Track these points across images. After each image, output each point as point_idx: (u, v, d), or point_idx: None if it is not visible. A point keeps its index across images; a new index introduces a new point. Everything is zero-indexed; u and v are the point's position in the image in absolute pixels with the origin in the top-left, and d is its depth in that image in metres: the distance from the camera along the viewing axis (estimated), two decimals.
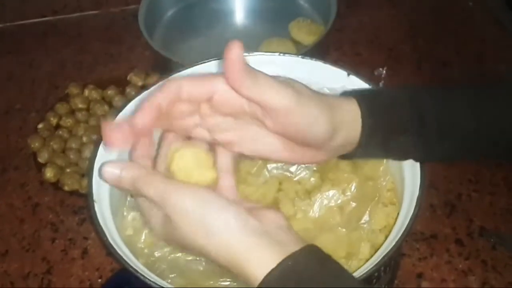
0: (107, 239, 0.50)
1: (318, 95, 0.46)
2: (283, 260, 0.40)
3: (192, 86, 0.45)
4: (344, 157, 0.51)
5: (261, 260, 0.40)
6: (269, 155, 0.48)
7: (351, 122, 0.47)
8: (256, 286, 0.40)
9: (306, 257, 0.41)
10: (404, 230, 0.49)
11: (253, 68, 0.43)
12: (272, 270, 0.39)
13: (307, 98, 0.45)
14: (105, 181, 0.46)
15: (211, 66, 0.62)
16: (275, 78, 0.44)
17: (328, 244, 0.55)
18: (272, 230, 0.43)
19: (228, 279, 0.53)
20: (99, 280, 0.70)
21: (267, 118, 0.45)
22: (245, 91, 0.43)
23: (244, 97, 0.43)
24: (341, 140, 0.47)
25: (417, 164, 0.54)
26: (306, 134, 0.46)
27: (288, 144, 0.47)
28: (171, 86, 0.44)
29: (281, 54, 0.64)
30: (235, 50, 0.41)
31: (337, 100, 0.48)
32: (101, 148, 0.58)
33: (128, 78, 0.89)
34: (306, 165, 0.61)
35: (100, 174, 0.45)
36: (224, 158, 0.49)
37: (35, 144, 0.81)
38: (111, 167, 0.46)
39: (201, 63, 0.63)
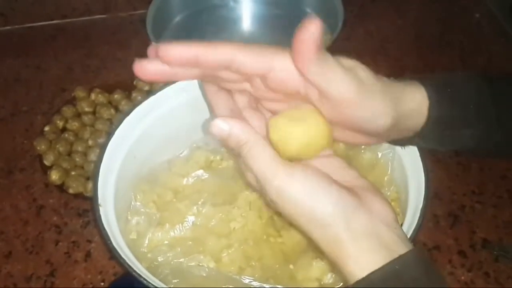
0: (111, 242, 0.51)
1: (383, 86, 0.43)
2: (389, 263, 0.39)
3: (247, 60, 0.41)
4: (395, 142, 0.49)
5: (367, 265, 0.39)
6: None
7: (415, 112, 0.45)
8: (355, 282, 0.39)
9: (412, 262, 0.40)
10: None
11: (322, 50, 0.40)
12: (376, 270, 0.39)
13: (371, 91, 0.42)
14: (212, 134, 0.43)
15: None
16: (342, 63, 0.41)
17: None
18: (380, 229, 0.41)
19: (231, 286, 0.53)
20: (102, 284, 0.70)
21: (323, 105, 0.42)
22: (310, 76, 0.40)
23: (306, 80, 0.41)
24: (400, 129, 0.45)
25: (422, 175, 0.54)
26: (364, 126, 0.43)
27: (340, 126, 0.44)
28: (223, 53, 0.40)
29: None
30: (311, 29, 0.39)
31: (403, 88, 0.45)
32: (107, 151, 0.58)
33: (135, 82, 0.89)
34: None
35: (211, 125, 0.42)
36: None
37: (41, 146, 0.81)
38: (222, 122, 0.42)
39: None
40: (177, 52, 0.40)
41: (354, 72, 0.41)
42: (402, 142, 0.49)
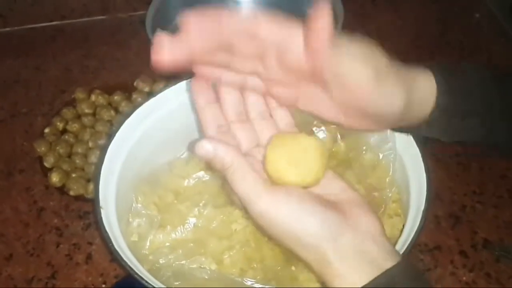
0: (112, 245, 0.50)
1: (397, 73, 0.43)
2: (376, 278, 0.40)
3: (272, 27, 0.41)
4: (401, 130, 0.49)
5: (355, 282, 0.40)
6: (324, 116, 0.46)
7: (424, 100, 0.46)
8: None
9: (399, 275, 0.40)
10: (410, 243, 0.49)
11: (336, 36, 0.40)
12: (364, 286, 0.39)
13: (386, 78, 0.42)
14: (197, 155, 0.43)
15: None
16: (358, 49, 0.41)
17: None
18: (367, 245, 0.41)
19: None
20: (103, 286, 0.70)
21: (336, 88, 0.42)
22: (325, 69, 0.40)
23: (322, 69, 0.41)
24: (409, 117, 0.45)
25: (423, 176, 0.54)
26: (375, 111, 0.43)
27: (348, 111, 0.44)
28: (247, 22, 0.41)
29: None
30: (323, 18, 0.39)
31: (415, 76, 0.45)
32: (107, 153, 0.58)
33: (135, 84, 0.89)
34: None
35: (196, 146, 0.43)
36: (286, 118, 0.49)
37: (41, 148, 0.81)
38: (207, 143, 0.43)
39: None
40: (199, 17, 0.40)
41: (371, 58, 0.42)
42: (408, 130, 0.49)
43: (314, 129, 0.63)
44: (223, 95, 0.47)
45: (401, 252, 0.48)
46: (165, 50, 0.40)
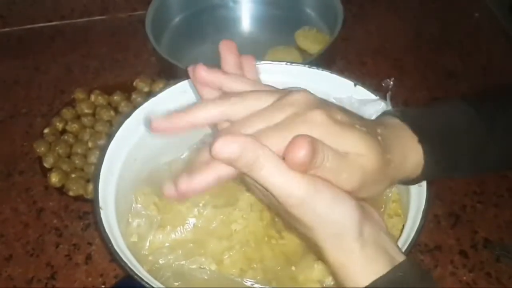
0: (112, 245, 0.50)
1: (383, 170, 0.42)
2: (392, 270, 0.40)
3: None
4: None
5: (371, 272, 0.40)
6: None
7: (413, 171, 0.47)
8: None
9: (411, 270, 0.41)
10: (410, 243, 0.49)
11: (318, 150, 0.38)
12: (381, 277, 0.39)
13: (372, 181, 0.42)
14: (217, 157, 0.38)
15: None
16: (344, 153, 0.40)
17: None
18: (382, 238, 0.42)
19: None
20: (103, 286, 0.70)
21: None
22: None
23: None
24: (394, 184, 0.47)
25: None
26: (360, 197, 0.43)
27: None
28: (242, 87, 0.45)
29: (288, 64, 0.64)
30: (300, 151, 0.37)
31: (403, 157, 0.45)
32: (107, 154, 0.58)
33: (134, 84, 0.89)
34: None
35: (216, 148, 0.38)
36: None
37: (41, 148, 0.81)
38: (230, 142, 0.38)
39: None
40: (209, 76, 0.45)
41: (357, 162, 0.41)
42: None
43: None
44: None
45: None
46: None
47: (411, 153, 0.46)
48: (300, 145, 0.37)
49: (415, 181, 0.48)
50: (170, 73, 0.86)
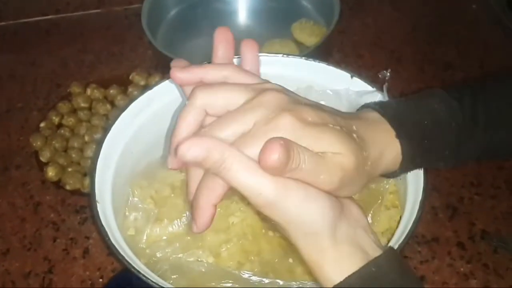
0: (109, 239, 0.50)
1: (361, 168, 0.42)
2: (365, 266, 0.40)
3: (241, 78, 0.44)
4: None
5: (345, 269, 0.40)
6: None
7: (391, 165, 0.46)
8: (333, 286, 0.40)
9: (387, 264, 0.41)
10: (407, 234, 0.49)
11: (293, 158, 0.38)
12: (353, 273, 0.39)
13: (350, 179, 0.41)
14: (183, 158, 0.38)
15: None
16: (324, 154, 0.40)
17: None
18: (358, 234, 0.42)
19: (230, 280, 0.52)
20: (100, 280, 0.70)
21: None
22: None
23: None
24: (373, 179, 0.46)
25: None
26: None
27: None
28: (221, 73, 0.45)
29: (285, 56, 0.64)
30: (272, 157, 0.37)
31: (380, 154, 0.45)
32: (103, 147, 0.58)
33: (131, 77, 0.89)
34: None
35: (182, 150, 0.38)
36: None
37: (37, 143, 0.81)
38: (195, 144, 0.38)
39: (203, 63, 0.62)
40: (186, 76, 0.45)
41: (334, 162, 0.40)
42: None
43: None
44: None
45: (398, 243, 0.48)
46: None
47: (388, 148, 0.45)
48: (273, 148, 0.37)
49: (394, 174, 0.48)
50: (167, 66, 0.85)
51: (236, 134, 0.40)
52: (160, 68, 0.91)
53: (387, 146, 0.45)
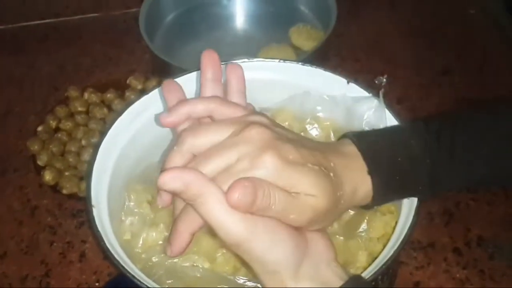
0: (104, 244, 0.50)
1: (334, 207, 0.44)
2: None
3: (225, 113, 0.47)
4: None
5: None
6: None
7: (363, 200, 0.48)
8: None
9: None
10: (402, 240, 0.49)
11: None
12: None
13: (322, 217, 0.43)
14: (162, 188, 0.41)
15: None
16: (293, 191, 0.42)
17: None
18: (321, 270, 0.43)
19: (225, 286, 0.52)
20: (97, 284, 0.70)
21: None
22: None
23: None
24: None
25: None
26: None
27: None
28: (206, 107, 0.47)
29: (281, 61, 0.64)
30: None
31: (353, 190, 0.46)
32: (100, 151, 0.58)
33: (128, 81, 0.89)
34: None
35: (160, 181, 0.40)
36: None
37: (34, 146, 0.81)
38: (175, 176, 0.40)
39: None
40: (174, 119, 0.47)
41: (307, 203, 0.42)
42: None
43: (307, 126, 0.63)
44: (204, 89, 0.50)
45: (393, 249, 0.48)
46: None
47: (361, 185, 0.47)
48: (236, 189, 0.39)
49: (366, 207, 0.50)
50: (164, 71, 0.86)
51: (220, 169, 0.42)
52: (158, 72, 0.91)
53: (361, 182, 0.47)
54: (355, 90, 0.60)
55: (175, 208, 0.46)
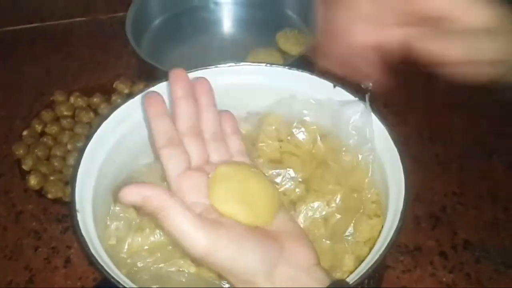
0: (89, 249, 0.50)
1: None
2: None
3: None
4: None
5: None
6: None
7: None
8: None
9: None
10: (388, 243, 0.49)
11: None
12: None
13: None
14: (124, 202, 0.43)
15: (197, 75, 0.62)
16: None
17: None
18: (300, 277, 0.43)
19: None
20: None
21: None
22: None
23: None
24: None
25: (402, 177, 0.54)
26: None
27: None
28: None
29: (268, 65, 0.64)
30: None
31: None
32: (84, 155, 0.57)
33: (114, 86, 0.88)
34: (291, 176, 0.61)
35: (121, 194, 0.42)
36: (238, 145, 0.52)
37: (20, 151, 0.80)
38: (133, 190, 0.42)
39: (187, 72, 0.62)
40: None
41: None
42: None
43: (294, 130, 0.63)
44: (177, 107, 0.50)
45: (380, 252, 0.48)
46: None
47: None
48: None
49: None
50: (151, 75, 0.85)
51: None
52: (144, 76, 0.91)
53: None
54: (342, 94, 0.61)
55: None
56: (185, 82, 0.51)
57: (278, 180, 0.61)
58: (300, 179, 0.61)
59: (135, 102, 0.62)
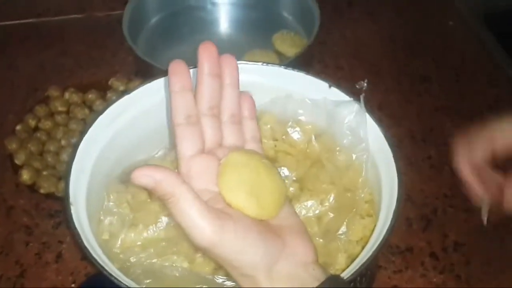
0: (82, 242, 0.50)
1: None
2: None
3: None
4: None
5: None
6: None
7: None
8: None
9: None
10: (381, 242, 0.49)
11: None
12: None
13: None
14: (136, 183, 0.41)
15: (193, 73, 0.62)
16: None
17: None
18: (299, 273, 0.43)
19: (204, 285, 0.52)
20: (73, 285, 0.69)
21: None
22: None
23: None
24: None
25: (395, 177, 0.54)
26: None
27: None
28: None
29: (264, 64, 0.64)
30: None
31: None
32: (78, 151, 0.57)
33: (110, 82, 0.88)
34: (285, 174, 0.62)
35: (134, 174, 0.41)
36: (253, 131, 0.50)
37: (12, 145, 0.80)
38: (147, 172, 0.40)
39: None
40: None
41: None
42: None
43: (288, 129, 0.63)
44: (200, 85, 0.47)
45: (372, 250, 0.49)
46: None
47: None
48: None
49: None
50: (146, 73, 0.85)
51: None
52: (140, 74, 0.91)
53: None
54: (337, 94, 0.61)
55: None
56: (214, 58, 0.47)
57: None
58: (294, 178, 0.62)
59: (130, 98, 0.62)
